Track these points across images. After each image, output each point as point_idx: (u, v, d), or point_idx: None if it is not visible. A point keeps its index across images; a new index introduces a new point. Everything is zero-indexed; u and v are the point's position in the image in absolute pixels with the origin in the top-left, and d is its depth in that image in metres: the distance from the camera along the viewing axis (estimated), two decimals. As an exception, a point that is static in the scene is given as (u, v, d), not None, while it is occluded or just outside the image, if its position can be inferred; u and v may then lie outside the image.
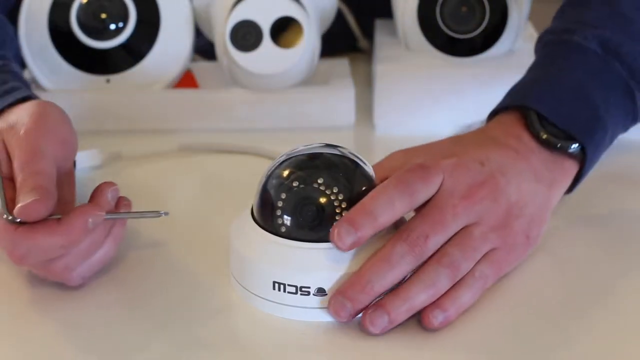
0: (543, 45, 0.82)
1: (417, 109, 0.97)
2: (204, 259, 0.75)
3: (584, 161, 0.75)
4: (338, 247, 0.65)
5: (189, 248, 0.77)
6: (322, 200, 0.67)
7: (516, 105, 0.76)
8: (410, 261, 0.65)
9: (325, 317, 0.67)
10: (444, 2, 0.97)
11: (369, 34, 1.12)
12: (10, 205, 0.67)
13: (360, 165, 0.69)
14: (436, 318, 0.65)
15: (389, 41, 1.04)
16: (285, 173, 0.68)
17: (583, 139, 0.74)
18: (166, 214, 0.70)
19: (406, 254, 0.65)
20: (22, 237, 0.66)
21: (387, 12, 1.05)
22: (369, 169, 0.69)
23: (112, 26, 0.97)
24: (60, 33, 0.97)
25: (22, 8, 0.97)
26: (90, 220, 0.66)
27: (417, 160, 0.70)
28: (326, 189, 0.67)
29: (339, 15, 1.09)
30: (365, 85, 1.04)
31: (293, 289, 0.67)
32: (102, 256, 0.70)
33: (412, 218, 0.68)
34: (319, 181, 0.67)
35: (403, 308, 0.65)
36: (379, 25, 1.09)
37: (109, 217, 0.68)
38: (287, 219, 0.67)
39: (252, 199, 0.70)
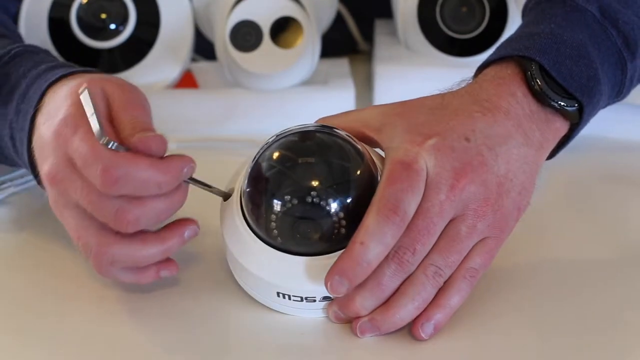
0: (536, 4, 0.78)
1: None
2: (202, 258, 0.75)
3: (576, 123, 0.72)
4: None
5: (186, 247, 0.77)
6: (318, 215, 0.65)
7: (516, 55, 0.72)
8: (400, 277, 0.65)
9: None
10: (444, 2, 0.97)
11: (368, 37, 1.12)
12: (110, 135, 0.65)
13: (351, 161, 0.66)
14: (425, 332, 0.65)
15: (389, 41, 1.04)
16: (275, 182, 0.65)
17: (582, 98, 0.71)
18: (229, 196, 0.69)
19: (396, 272, 0.65)
20: (125, 160, 0.63)
21: (387, 12, 1.05)
22: (360, 150, 0.67)
23: (112, 26, 0.98)
24: (60, 33, 0.97)
25: (22, 8, 0.97)
26: (185, 169, 0.65)
27: (394, 132, 0.68)
28: (320, 201, 0.64)
29: (339, 19, 1.09)
30: (365, 85, 1.04)
31: (299, 299, 0.67)
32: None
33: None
34: (312, 193, 0.64)
35: (392, 323, 0.65)
36: (379, 25, 1.09)
37: (188, 181, 0.67)
38: (283, 234, 0.66)
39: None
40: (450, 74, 0.96)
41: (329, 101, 0.98)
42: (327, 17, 1.04)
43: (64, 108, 0.68)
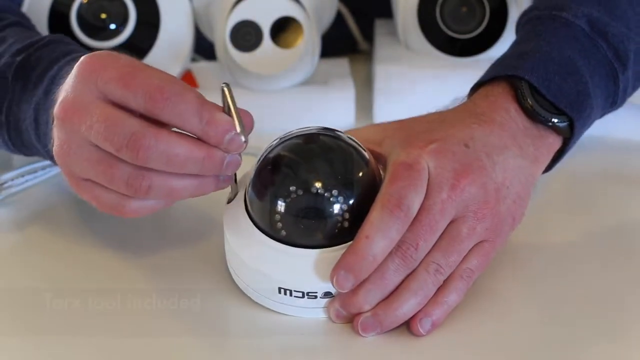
0: (528, 20, 0.80)
1: (416, 108, 0.96)
2: (200, 257, 0.75)
3: (569, 137, 0.74)
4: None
5: (185, 247, 0.77)
6: (323, 206, 0.66)
7: (506, 75, 0.74)
8: (403, 272, 0.66)
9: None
10: (444, 2, 0.98)
11: (368, 36, 1.12)
12: None
13: (354, 157, 0.67)
14: (423, 327, 0.66)
15: (389, 41, 1.04)
16: (281, 175, 0.66)
17: (572, 113, 0.73)
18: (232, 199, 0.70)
19: (399, 267, 0.65)
20: (180, 84, 0.64)
21: (387, 12, 1.05)
22: (365, 154, 0.68)
23: (112, 26, 0.98)
24: (61, 33, 0.97)
25: (22, 8, 0.97)
26: (229, 135, 0.64)
27: (395, 142, 0.69)
28: (325, 192, 0.66)
29: (339, 19, 1.09)
30: (365, 85, 1.04)
31: (300, 294, 0.67)
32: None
33: None
34: (317, 185, 0.66)
35: (394, 317, 0.66)
36: (379, 25, 1.09)
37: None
38: (287, 226, 0.66)
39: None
40: (450, 74, 0.97)
41: (329, 101, 0.98)
42: (327, 17, 1.04)
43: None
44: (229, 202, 0.70)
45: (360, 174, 0.67)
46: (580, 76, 0.74)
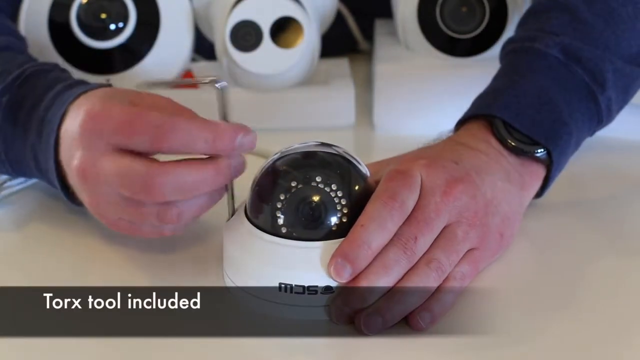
0: (506, 54, 0.83)
1: (416, 109, 0.97)
2: (197, 259, 0.75)
3: (551, 165, 0.76)
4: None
5: (185, 247, 0.77)
6: (322, 198, 0.67)
7: (481, 113, 0.77)
8: (404, 265, 0.66)
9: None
10: (444, 2, 0.98)
11: (368, 36, 1.12)
12: None
13: (354, 164, 0.69)
14: (424, 320, 0.66)
15: (389, 41, 1.04)
16: (282, 173, 0.68)
17: (548, 144, 0.76)
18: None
19: (400, 258, 0.66)
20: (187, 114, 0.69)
21: (387, 12, 1.05)
22: (363, 167, 0.70)
23: (112, 26, 0.98)
24: (60, 33, 0.97)
25: (22, 8, 0.97)
26: (239, 138, 0.68)
27: (386, 167, 0.71)
28: (325, 187, 0.67)
29: (339, 18, 1.09)
30: (365, 85, 1.04)
31: (300, 289, 0.67)
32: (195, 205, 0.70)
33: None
34: (317, 179, 0.67)
35: (397, 310, 0.66)
36: (379, 25, 1.09)
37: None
38: (287, 220, 0.67)
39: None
40: (450, 74, 0.97)
41: (329, 101, 0.98)
42: (327, 17, 1.04)
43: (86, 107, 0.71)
44: (227, 221, 0.71)
45: (357, 174, 0.69)
46: (554, 105, 0.77)
